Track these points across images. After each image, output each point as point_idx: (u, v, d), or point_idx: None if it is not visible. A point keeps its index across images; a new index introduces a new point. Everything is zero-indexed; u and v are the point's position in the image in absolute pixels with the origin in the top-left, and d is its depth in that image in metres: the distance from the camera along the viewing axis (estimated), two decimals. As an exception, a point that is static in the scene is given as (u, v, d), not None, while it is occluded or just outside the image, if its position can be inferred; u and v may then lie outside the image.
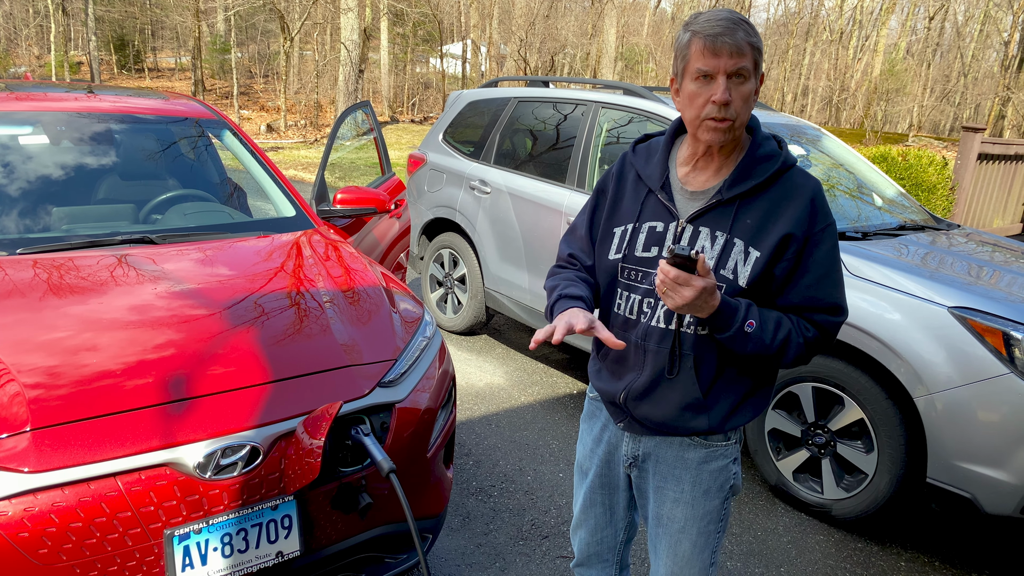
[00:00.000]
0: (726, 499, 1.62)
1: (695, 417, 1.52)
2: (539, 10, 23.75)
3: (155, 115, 3.23)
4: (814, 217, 1.44)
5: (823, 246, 1.45)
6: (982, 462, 2.62)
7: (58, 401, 1.64)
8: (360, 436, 1.86)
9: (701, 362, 1.49)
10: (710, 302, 1.35)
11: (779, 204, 1.45)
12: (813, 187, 1.46)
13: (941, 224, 3.91)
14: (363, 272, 2.56)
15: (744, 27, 1.37)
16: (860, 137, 18.80)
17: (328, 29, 26.80)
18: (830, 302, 1.47)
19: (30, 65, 27.69)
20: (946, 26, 35.65)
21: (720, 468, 1.59)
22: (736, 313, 1.39)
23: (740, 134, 1.46)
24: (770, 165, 1.46)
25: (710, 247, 1.46)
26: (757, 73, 1.41)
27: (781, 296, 1.47)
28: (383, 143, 4.39)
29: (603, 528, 1.79)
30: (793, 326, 1.45)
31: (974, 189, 8.27)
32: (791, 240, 1.43)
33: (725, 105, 1.37)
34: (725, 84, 1.37)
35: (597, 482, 1.74)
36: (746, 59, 1.37)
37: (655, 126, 3.88)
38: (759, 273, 1.43)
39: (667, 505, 1.61)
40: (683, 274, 1.31)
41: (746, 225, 1.45)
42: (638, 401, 1.55)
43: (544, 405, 4.09)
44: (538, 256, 4.30)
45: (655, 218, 1.52)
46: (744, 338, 1.41)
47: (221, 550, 1.69)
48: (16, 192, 2.63)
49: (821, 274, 1.45)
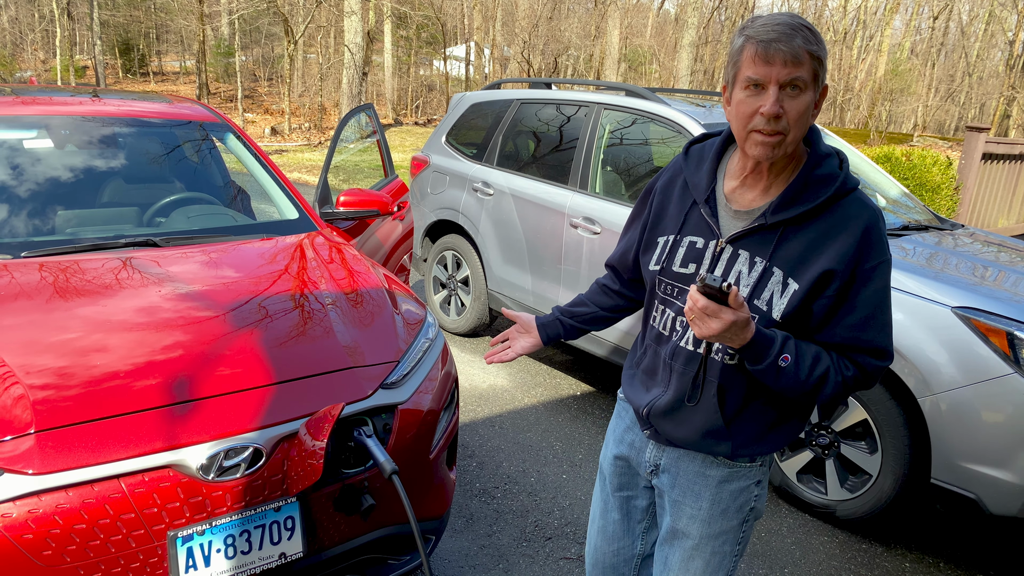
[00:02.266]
0: (745, 521, 1.54)
1: (717, 443, 1.46)
2: (542, 12, 23.77)
3: (159, 119, 3.24)
4: (865, 252, 1.31)
5: (873, 284, 1.33)
6: (986, 462, 2.61)
7: (62, 403, 1.65)
8: (363, 438, 1.86)
9: (727, 391, 1.42)
10: (742, 335, 1.26)
11: (827, 235, 1.32)
12: (868, 218, 1.32)
13: (945, 224, 3.90)
14: (366, 274, 2.57)
15: (804, 33, 1.25)
16: (864, 137, 18.75)
17: (332, 32, 26.87)
18: (875, 345, 1.35)
19: (35, 69, 27.82)
20: (950, 26, 35.56)
21: (741, 489, 1.52)
22: (771, 346, 1.30)
23: (794, 151, 1.33)
24: (823, 190, 1.33)
25: (747, 273, 1.36)
26: (817, 85, 1.28)
27: (822, 332, 1.36)
28: (386, 145, 4.40)
29: (620, 538, 1.72)
30: (832, 364, 1.34)
31: (978, 189, 8.24)
32: (833, 277, 1.31)
33: (776, 118, 1.26)
34: (776, 95, 1.25)
35: (615, 482, 1.70)
36: (802, 68, 1.25)
37: (658, 127, 3.88)
38: (795, 307, 1.33)
39: (683, 520, 1.55)
40: (712, 304, 1.22)
41: (789, 254, 1.33)
42: (660, 419, 1.51)
43: (547, 407, 4.09)
44: (541, 258, 4.30)
45: (696, 233, 1.44)
46: (776, 372, 1.31)
47: (224, 551, 1.69)
48: (21, 195, 2.65)
49: (867, 315, 1.33)
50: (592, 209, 3.97)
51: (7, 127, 2.85)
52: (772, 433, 1.47)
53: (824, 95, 1.33)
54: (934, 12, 32.59)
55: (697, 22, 19.17)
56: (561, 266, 4.16)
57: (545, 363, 4.76)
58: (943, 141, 16.08)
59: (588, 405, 4.15)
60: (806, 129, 1.31)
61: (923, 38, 36.93)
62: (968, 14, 35.09)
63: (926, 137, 17.53)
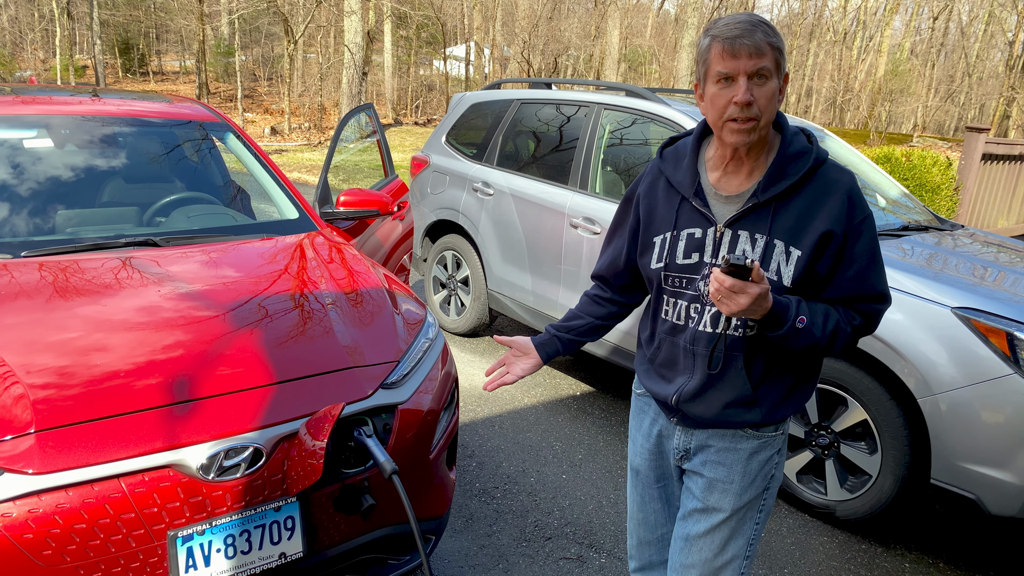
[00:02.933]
0: (767, 488, 1.64)
1: (747, 412, 1.56)
2: (542, 12, 23.77)
3: (159, 118, 3.24)
4: (852, 211, 1.45)
5: (863, 238, 1.46)
6: (986, 463, 2.61)
7: (62, 403, 1.65)
8: (363, 437, 1.86)
9: (752, 361, 1.53)
10: (764, 305, 1.37)
11: (816, 201, 1.46)
12: (848, 181, 1.47)
13: (945, 225, 3.90)
14: (366, 274, 2.57)
15: (763, 28, 1.39)
16: (864, 138, 18.76)
17: (332, 32, 26.87)
18: (875, 291, 1.49)
19: (35, 69, 27.81)
20: (950, 26, 35.57)
21: (767, 458, 1.62)
22: (788, 311, 1.42)
23: (766, 134, 1.46)
24: (803, 163, 1.46)
25: (751, 250, 1.47)
26: (780, 73, 1.41)
27: (826, 290, 1.49)
28: (386, 145, 4.40)
29: (662, 525, 1.79)
30: (840, 316, 1.48)
31: (978, 189, 8.24)
32: (831, 237, 1.44)
33: (748, 105, 1.38)
34: (746, 85, 1.38)
35: (652, 476, 1.76)
36: (766, 59, 1.37)
37: (658, 127, 3.88)
38: (802, 271, 1.45)
39: (714, 496, 1.62)
40: (739, 282, 1.33)
41: (785, 225, 1.46)
42: (690, 403, 1.59)
43: (547, 407, 4.09)
44: (541, 258, 4.30)
45: (692, 224, 1.53)
46: (796, 334, 1.43)
47: (224, 551, 1.69)
48: (21, 195, 2.65)
49: (863, 265, 1.47)
50: (592, 209, 3.98)
51: (7, 127, 2.85)
52: (793, 395, 1.58)
53: (787, 82, 1.45)
54: (934, 13, 32.60)
55: (697, 22, 19.18)
56: (561, 266, 4.16)
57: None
58: (943, 142, 16.09)
59: (588, 405, 4.15)
60: (774, 113, 1.44)
61: (923, 38, 36.95)
62: (968, 15, 35.11)
63: (926, 137, 17.54)
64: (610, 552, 2.81)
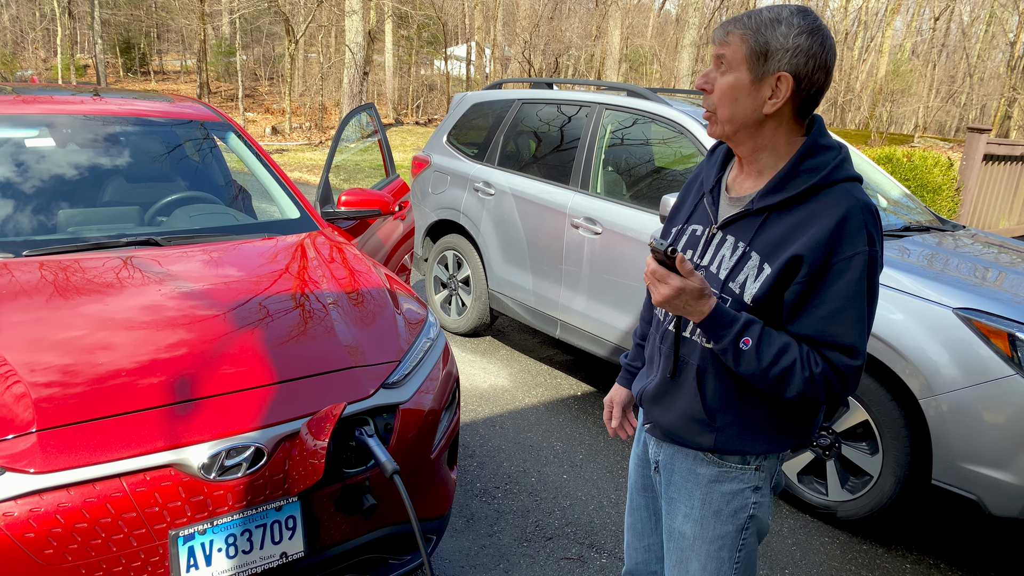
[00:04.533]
0: (744, 528, 1.50)
1: (701, 432, 1.46)
2: (543, 12, 23.76)
3: (160, 117, 3.24)
4: (837, 242, 1.29)
5: (846, 276, 1.29)
6: (987, 464, 2.61)
7: (64, 402, 1.65)
8: (364, 437, 1.86)
9: (705, 374, 1.43)
10: (697, 306, 1.30)
11: (805, 222, 1.32)
12: (848, 209, 1.30)
13: (946, 225, 3.90)
14: (367, 274, 2.57)
15: (744, 21, 1.33)
16: (865, 138, 18.75)
17: (333, 32, 26.87)
18: (844, 342, 1.31)
19: (36, 68, 27.81)
20: (951, 27, 35.53)
21: (734, 492, 1.48)
22: (731, 325, 1.31)
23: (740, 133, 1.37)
24: (808, 178, 1.34)
25: (728, 256, 1.39)
26: (754, 70, 1.31)
27: (793, 323, 1.35)
28: (387, 145, 4.40)
29: (648, 535, 1.73)
30: (800, 358, 1.31)
31: (979, 190, 8.24)
32: (800, 263, 1.30)
33: (703, 91, 1.37)
34: (710, 72, 1.36)
35: (639, 483, 1.73)
36: (727, 48, 1.33)
37: (659, 128, 3.88)
38: (765, 292, 1.33)
39: (678, 519, 1.55)
40: (660, 269, 1.29)
41: (767, 239, 1.35)
42: (651, 404, 1.55)
43: (548, 407, 4.09)
44: (542, 258, 4.30)
45: (699, 221, 1.50)
46: (737, 354, 1.32)
47: (225, 551, 1.69)
48: (22, 195, 2.65)
49: (838, 308, 1.30)
50: (593, 209, 3.97)
51: (9, 126, 2.85)
52: (764, 434, 1.44)
53: (781, 83, 1.31)
54: (935, 13, 32.58)
55: (698, 22, 19.17)
56: (562, 266, 4.16)
57: (546, 363, 4.77)
58: (944, 142, 16.08)
59: (589, 405, 4.15)
60: (737, 111, 1.35)
61: (924, 39, 36.92)
62: (969, 15, 35.09)
63: (927, 138, 17.53)
64: (611, 552, 2.81)
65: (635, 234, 3.73)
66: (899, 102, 29.32)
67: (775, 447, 1.46)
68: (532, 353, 4.93)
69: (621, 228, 3.80)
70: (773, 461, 1.49)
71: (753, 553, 1.54)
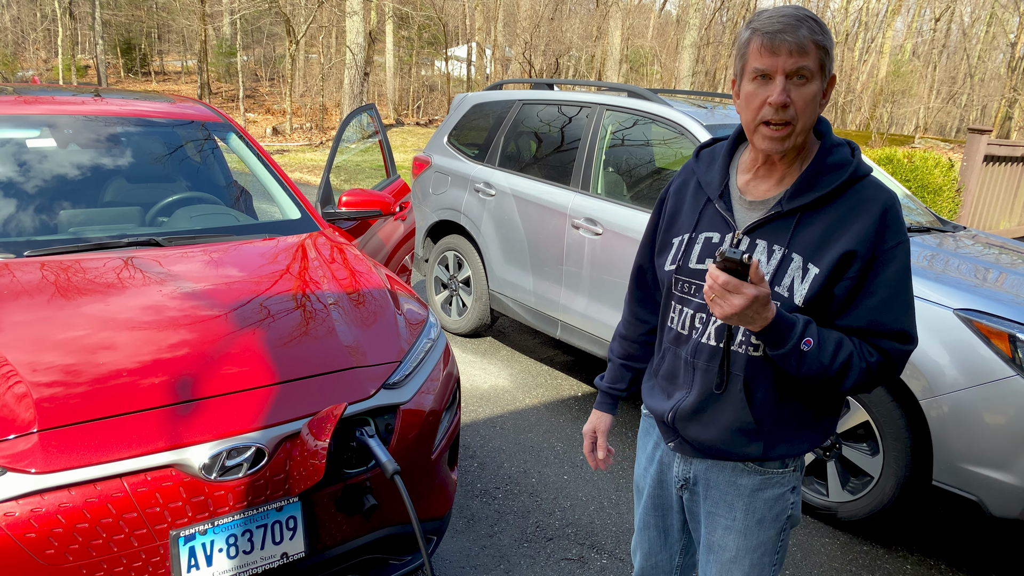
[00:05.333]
0: (783, 530, 1.50)
1: (748, 443, 1.43)
2: (544, 13, 23.77)
3: (161, 118, 3.25)
4: (883, 234, 1.31)
5: (892, 266, 1.31)
6: (988, 465, 2.61)
7: (65, 402, 1.65)
8: (365, 438, 1.87)
9: (753, 383, 1.40)
10: (763, 314, 1.25)
11: (845, 218, 1.32)
12: (885, 200, 1.32)
13: (947, 226, 3.90)
14: (368, 274, 2.57)
15: (809, 24, 1.27)
16: (866, 139, 18.75)
17: (333, 32, 26.89)
18: (897, 328, 1.32)
19: (37, 69, 27.83)
20: (952, 27, 35.54)
21: (776, 497, 1.48)
22: (792, 329, 1.28)
23: (803, 140, 1.35)
24: (838, 175, 1.33)
25: (766, 262, 1.36)
26: (824, 75, 1.30)
27: (842, 317, 1.34)
28: (388, 146, 4.40)
29: (657, 552, 1.71)
30: (855, 349, 1.32)
31: (980, 191, 8.24)
32: (854, 258, 1.30)
33: (784, 107, 1.28)
34: (783, 84, 1.27)
35: (650, 503, 1.67)
36: (808, 58, 1.26)
37: (659, 128, 3.88)
38: (817, 292, 1.32)
39: (718, 532, 1.51)
40: (733, 280, 1.21)
41: (806, 240, 1.33)
42: (687, 421, 1.48)
43: (549, 407, 4.09)
44: (542, 258, 4.30)
45: (712, 228, 1.44)
46: (800, 357, 1.29)
47: (226, 551, 1.69)
48: (24, 195, 2.65)
49: (888, 296, 1.31)
50: (594, 210, 3.98)
51: (10, 126, 2.86)
52: (806, 432, 1.45)
53: (832, 85, 1.34)
54: (935, 14, 32.58)
55: (699, 23, 19.17)
56: (563, 267, 4.16)
57: (546, 364, 4.77)
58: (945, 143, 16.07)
59: (589, 406, 4.15)
60: (814, 118, 1.33)
61: (924, 40, 36.91)
62: (969, 16, 35.09)
63: (928, 139, 17.52)
64: (611, 553, 2.81)
65: (636, 235, 3.73)
66: (900, 103, 29.32)
67: (814, 443, 1.47)
68: (533, 354, 4.93)
69: (622, 229, 3.81)
70: (803, 457, 1.51)
71: (787, 547, 1.56)
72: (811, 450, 1.47)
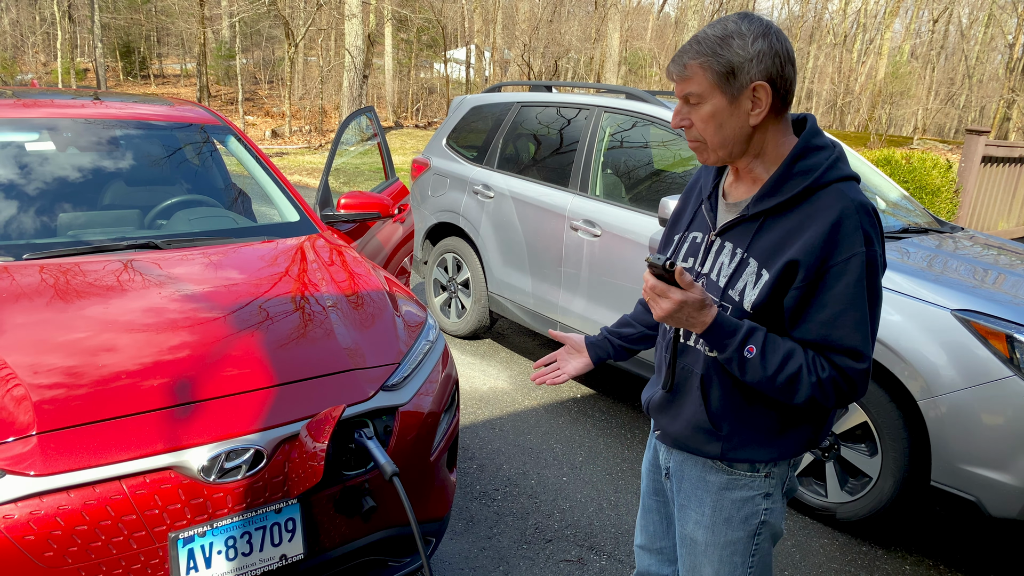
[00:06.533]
0: (757, 534, 1.49)
1: (708, 442, 1.45)
2: (542, 15, 23.80)
3: (160, 121, 3.25)
4: (833, 245, 1.27)
5: (845, 279, 1.27)
6: (986, 465, 2.62)
7: (64, 405, 1.65)
8: (363, 439, 1.87)
9: (709, 383, 1.42)
10: (699, 317, 1.29)
11: (801, 226, 1.30)
12: (842, 210, 1.27)
13: (945, 227, 3.90)
14: (367, 276, 2.57)
15: (695, 47, 1.31)
16: (864, 140, 18.77)
17: (332, 35, 26.90)
18: (847, 345, 1.28)
19: (36, 72, 27.84)
20: (950, 29, 35.59)
21: (744, 499, 1.47)
22: (733, 334, 1.30)
23: (740, 151, 1.36)
24: (799, 182, 1.32)
25: (727, 264, 1.39)
26: (725, 90, 1.30)
27: (796, 328, 1.33)
28: (387, 148, 4.40)
29: (660, 538, 1.73)
30: (807, 363, 1.30)
31: (978, 192, 8.25)
32: (798, 267, 1.29)
33: (687, 128, 1.36)
34: (681, 109, 1.36)
35: (651, 487, 1.72)
36: (692, 83, 1.31)
37: (658, 130, 3.89)
38: (764, 299, 1.32)
39: (689, 525, 1.54)
40: (660, 284, 1.27)
41: (763, 245, 1.34)
42: (658, 412, 1.55)
43: (548, 409, 4.10)
44: (541, 260, 4.30)
45: (698, 228, 1.49)
46: (742, 363, 1.31)
47: (225, 553, 1.70)
48: (23, 198, 2.65)
49: (839, 311, 1.28)
50: (592, 212, 3.98)
51: (9, 130, 2.86)
52: (775, 439, 1.42)
53: (764, 91, 1.30)
54: (934, 15, 32.64)
55: (697, 25, 19.19)
56: (561, 268, 4.17)
57: (545, 365, 4.76)
58: (943, 144, 16.09)
59: (588, 408, 4.15)
60: (726, 134, 1.33)
61: (923, 41, 36.98)
62: (968, 17, 35.16)
63: (926, 140, 17.54)
64: (611, 554, 2.81)
65: (634, 236, 3.73)
66: (898, 104, 29.34)
67: (785, 453, 1.44)
68: (531, 355, 4.93)
69: (620, 230, 3.81)
70: (784, 467, 1.48)
71: (767, 556, 1.53)
72: (780, 459, 1.44)
